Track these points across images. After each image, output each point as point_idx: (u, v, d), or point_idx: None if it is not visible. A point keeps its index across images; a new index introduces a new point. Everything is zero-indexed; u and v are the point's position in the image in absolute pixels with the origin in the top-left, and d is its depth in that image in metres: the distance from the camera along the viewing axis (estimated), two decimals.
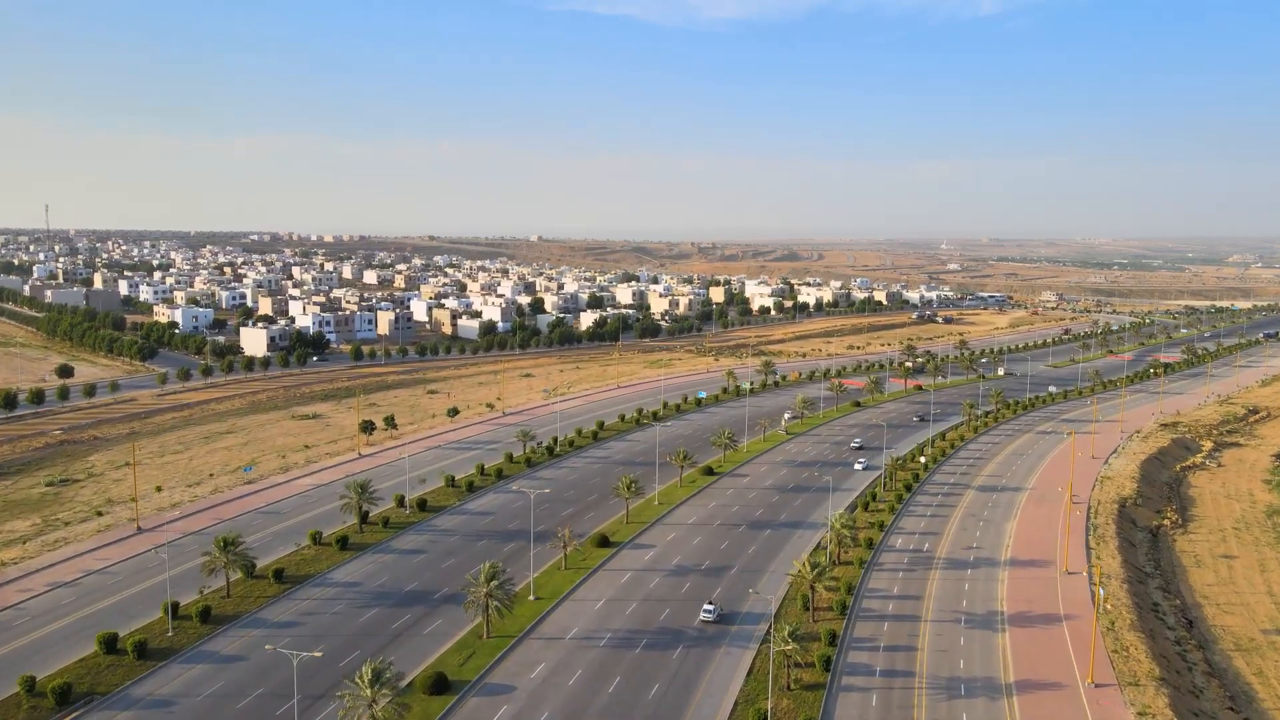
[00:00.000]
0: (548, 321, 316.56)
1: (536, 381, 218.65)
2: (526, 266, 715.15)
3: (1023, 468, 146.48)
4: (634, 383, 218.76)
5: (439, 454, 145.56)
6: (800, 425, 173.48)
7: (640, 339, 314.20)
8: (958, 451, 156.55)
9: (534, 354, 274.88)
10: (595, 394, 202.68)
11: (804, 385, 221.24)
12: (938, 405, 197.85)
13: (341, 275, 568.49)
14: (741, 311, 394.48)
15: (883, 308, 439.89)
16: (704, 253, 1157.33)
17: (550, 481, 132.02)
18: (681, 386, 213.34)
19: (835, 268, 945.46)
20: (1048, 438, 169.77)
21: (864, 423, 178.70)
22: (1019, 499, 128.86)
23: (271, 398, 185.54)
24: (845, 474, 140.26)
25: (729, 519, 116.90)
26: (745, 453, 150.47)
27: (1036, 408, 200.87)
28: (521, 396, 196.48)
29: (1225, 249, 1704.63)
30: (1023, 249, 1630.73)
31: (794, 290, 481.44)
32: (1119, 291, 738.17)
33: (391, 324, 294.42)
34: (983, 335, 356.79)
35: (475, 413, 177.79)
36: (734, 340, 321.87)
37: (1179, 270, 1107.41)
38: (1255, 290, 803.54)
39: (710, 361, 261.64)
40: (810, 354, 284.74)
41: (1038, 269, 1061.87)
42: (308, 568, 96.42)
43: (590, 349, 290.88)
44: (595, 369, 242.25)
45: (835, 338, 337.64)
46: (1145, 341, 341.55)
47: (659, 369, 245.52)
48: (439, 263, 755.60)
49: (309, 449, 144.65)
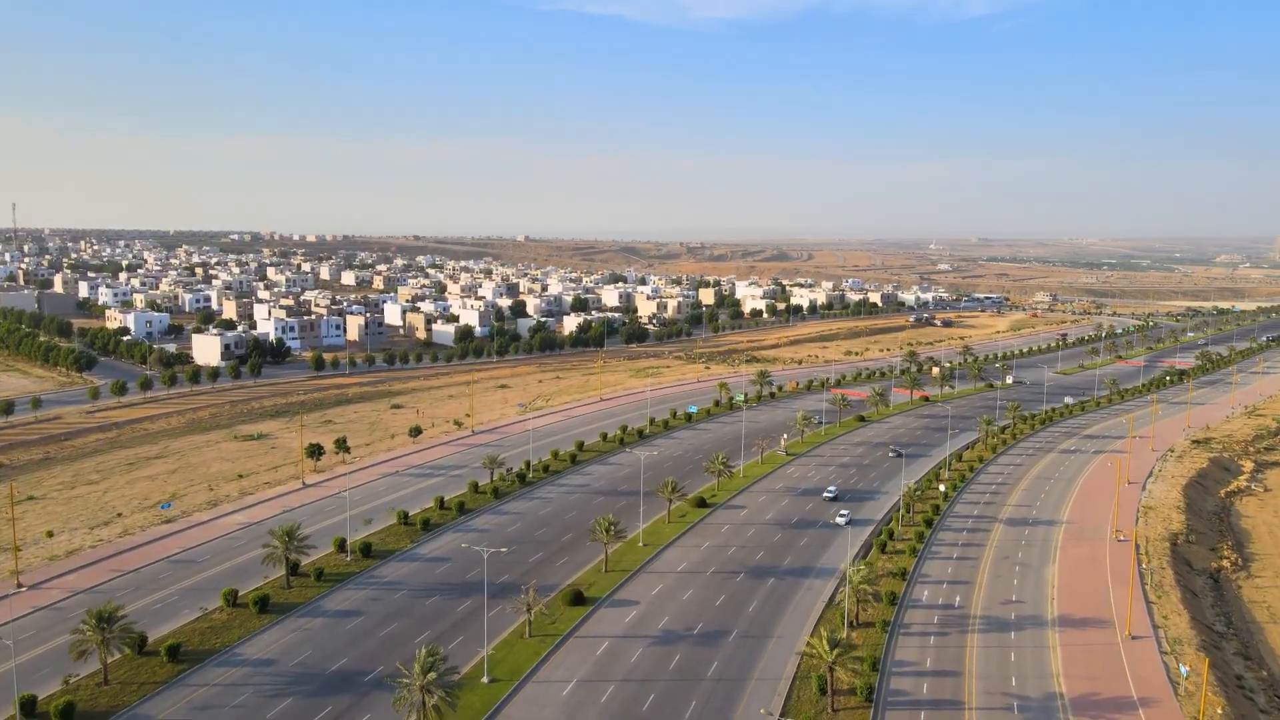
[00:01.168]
0: (529, 326, 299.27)
1: (512, 394, 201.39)
2: (511, 267, 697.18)
3: (1052, 496, 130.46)
4: (618, 394, 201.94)
5: (395, 483, 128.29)
6: (801, 444, 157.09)
7: (626, 344, 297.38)
8: (977, 475, 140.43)
9: (512, 361, 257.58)
10: (576, 408, 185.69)
11: (802, 397, 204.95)
12: (946, 419, 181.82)
13: (319, 276, 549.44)
14: (732, 314, 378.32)
15: (878, 310, 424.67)
16: (693, 253, 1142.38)
17: (519, 517, 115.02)
18: (670, 399, 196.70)
19: (825, 268, 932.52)
20: (1073, 458, 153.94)
21: (870, 440, 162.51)
22: (1055, 536, 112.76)
23: (215, 415, 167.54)
24: (858, 503, 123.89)
25: (725, 564, 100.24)
26: (741, 478, 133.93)
27: (1055, 421, 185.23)
28: (494, 411, 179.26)
29: (1212, 249, 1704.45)
30: (1012, 249, 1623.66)
31: (786, 292, 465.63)
32: (1112, 292, 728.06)
33: (361, 329, 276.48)
34: (984, 339, 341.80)
35: (441, 431, 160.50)
36: (725, 345, 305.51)
37: (1169, 270, 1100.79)
38: (1247, 290, 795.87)
39: (700, 369, 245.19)
40: (806, 360, 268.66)
41: (1028, 269, 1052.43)
42: (214, 639, 79.10)
43: (573, 356, 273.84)
44: (577, 378, 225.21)
45: (831, 342, 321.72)
46: (1154, 346, 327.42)
47: (646, 378, 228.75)
48: (421, 263, 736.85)
49: (244, 478, 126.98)
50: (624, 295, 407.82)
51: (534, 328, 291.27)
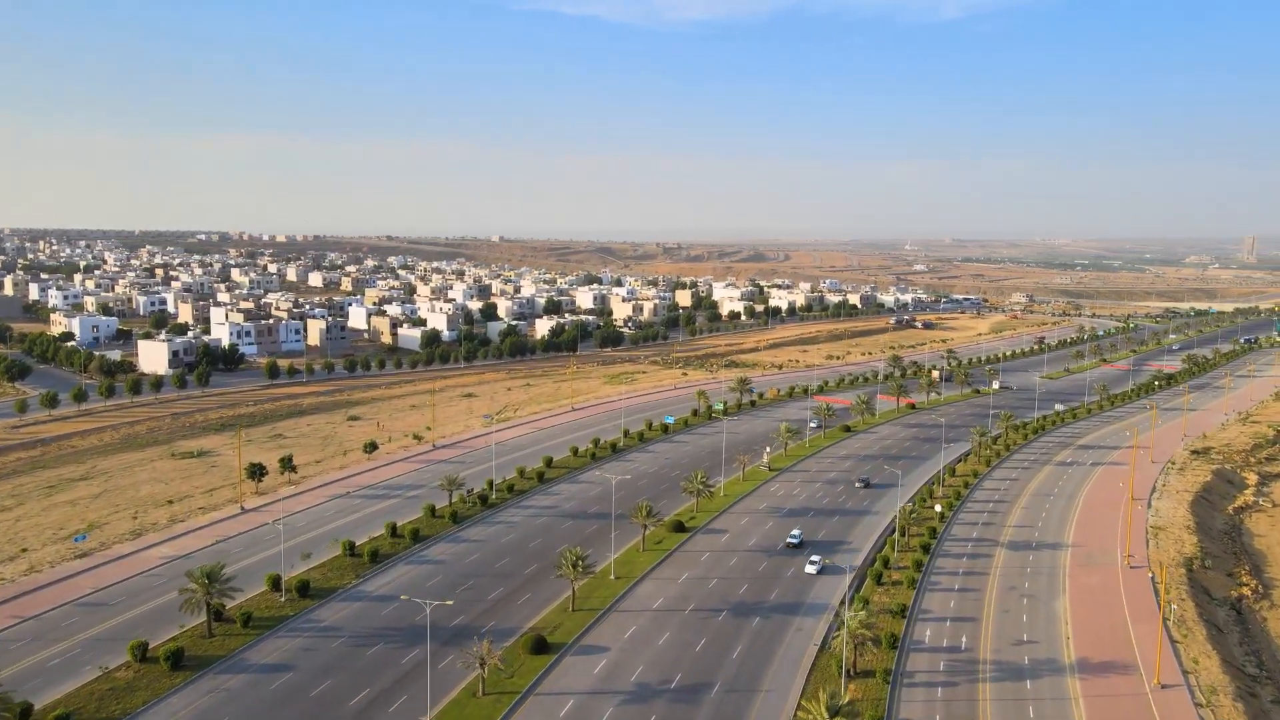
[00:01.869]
0: (499, 330, 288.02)
1: (479, 403, 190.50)
2: (484, 268, 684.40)
3: (1054, 515, 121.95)
4: (591, 403, 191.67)
5: (344, 506, 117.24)
6: (784, 458, 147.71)
7: (600, 348, 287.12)
8: (973, 492, 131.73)
9: (481, 367, 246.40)
10: (546, 418, 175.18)
11: (783, 404, 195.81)
12: (935, 428, 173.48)
13: (285, 278, 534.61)
14: (710, 317, 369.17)
15: (858, 312, 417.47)
16: (669, 253, 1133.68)
17: (479, 545, 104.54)
18: (646, 407, 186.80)
19: (802, 268, 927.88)
20: (1071, 471, 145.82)
21: (857, 452, 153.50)
22: (1061, 561, 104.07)
23: (153, 429, 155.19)
24: (848, 524, 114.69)
25: (705, 600, 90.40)
26: (722, 497, 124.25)
27: (1047, 430, 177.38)
28: (458, 423, 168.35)
29: (1182, 250, 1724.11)
30: (986, 249, 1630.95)
31: (764, 293, 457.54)
32: (1086, 292, 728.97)
33: (323, 334, 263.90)
34: (966, 342, 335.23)
35: (400, 446, 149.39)
36: (703, 349, 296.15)
37: (1140, 271, 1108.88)
38: (1218, 291, 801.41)
39: (677, 375, 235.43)
40: (786, 365, 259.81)
41: (1003, 269, 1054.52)
42: (114, 705, 67.99)
43: (544, 361, 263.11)
44: (548, 386, 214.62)
45: (811, 345, 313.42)
46: (1137, 349, 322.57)
47: (620, 385, 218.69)
48: (393, 264, 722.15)
49: (174, 503, 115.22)
50: (598, 297, 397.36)
51: (504, 332, 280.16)
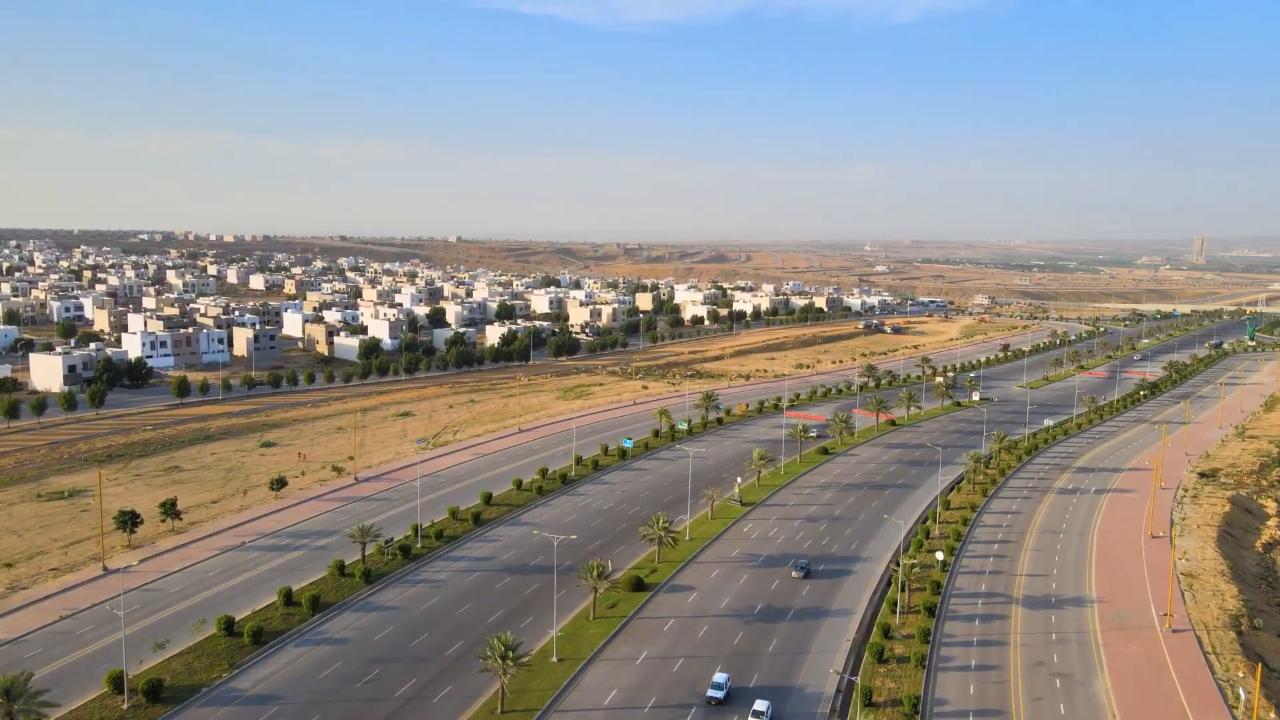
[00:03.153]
0: (446, 338, 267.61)
1: (415, 424, 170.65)
2: (438, 270, 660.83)
3: (1069, 559, 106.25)
4: (542, 423, 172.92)
5: (235, 562, 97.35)
6: (757, 489, 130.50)
7: (555, 357, 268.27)
8: (973, 529, 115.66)
9: (424, 380, 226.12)
10: (489, 441, 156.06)
11: (753, 421, 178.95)
12: (920, 448, 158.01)
13: (225, 280, 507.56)
14: (672, 322, 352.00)
15: (824, 316, 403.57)
16: (630, 254, 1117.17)
17: (394, 615, 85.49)
18: (602, 427, 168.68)
19: (764, 270, 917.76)
20: (1075, 501, 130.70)
21: (838, 480, 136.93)
22: (1090, 623, 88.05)
23: (21, 462, 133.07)
24: (836, 574, 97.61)
25: (669, 690, 72.60)
26: (688, 543, 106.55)
27: (1040, 450, 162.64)
28: (388, 449, 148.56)
29: (1133, 251, 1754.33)
30: (944, 250, 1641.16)
31: (728, 296, 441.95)
32: (1045, 294, 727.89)
33: (250, 343, 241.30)
34: (938, 347, 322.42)
35: (316, 479, 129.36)
36: (665, 357, 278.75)
37: (1095, 273, 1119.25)
38: (1173, 292, 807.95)
39: (637, 387, 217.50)
40: (754, 375, 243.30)
41: (962, 271, 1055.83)
42: None
43: (494, 372, 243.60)
44: (495, 402, 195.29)
45: (779, 352, 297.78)
46: (1112, 354, 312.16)
47: (575, 399, 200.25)
48: (343, 265, 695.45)
49: (16, 565, 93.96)
50: (555, 301, 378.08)
51: (450, 340, 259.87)
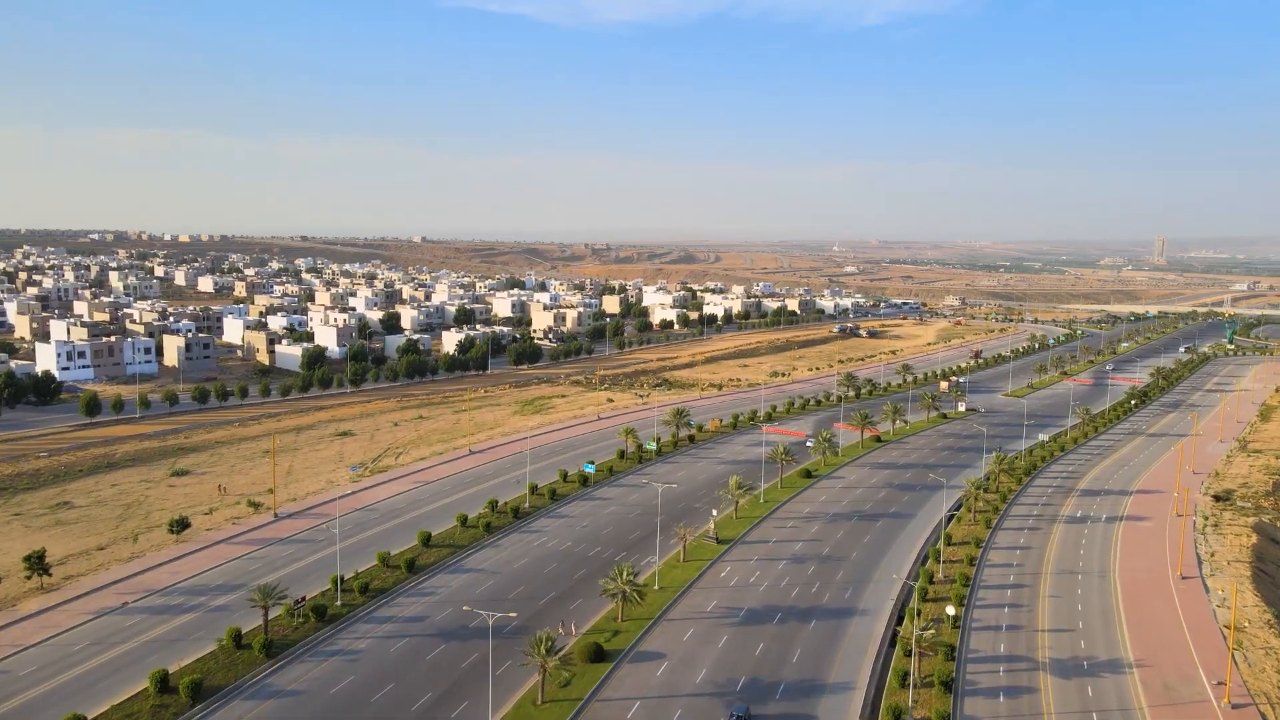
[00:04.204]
0: (398, 345, 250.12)
1: (354, 445, 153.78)
2: (397, 272, 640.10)
3: (1094, 610, 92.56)
4: (496, 442, 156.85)
5: (110, 629, 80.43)
6: (735, 522, 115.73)
7: (516, 365, 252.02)
8: (981, 570, 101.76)
9: (371, 392, 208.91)
10: (436, 466, 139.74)
11: (728, 438, 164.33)
12: (910, 469, 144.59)
13: (173, 282, 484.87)
14: (640, 326, 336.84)
15: (798, 319, 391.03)
16: (598, 254, 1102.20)
17: (300, 700, 69.31)
18: (562, 447, 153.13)
19: (734, 270, 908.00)
20: (1088, 533, 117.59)
21: (824, 509, 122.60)
22: (1133, 697, 74.15)
23: None
24: (830, 634, 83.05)
25: None
26: (656, 593, 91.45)
27: (1040, 469, 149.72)
28: (319, 477, 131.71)
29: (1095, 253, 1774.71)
30: (911, 251, 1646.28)
31: (698, 299, 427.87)
32: (1013, 295, 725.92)
33: (181, 353, 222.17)
34: (915, 352, 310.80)
35: (229, 516, 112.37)
36: (632, 365, 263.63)
37: (1060, 273, 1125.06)
38: (1137, 293, 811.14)
39: (602, 399, 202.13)
40: (727, 385, 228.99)
41: (930, 271, 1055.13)
42: None
43: (449, 382, 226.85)
44: (446, 418, 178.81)
45: (752, 359, 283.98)
46: (1094, 359, 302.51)
47: (534, 414, 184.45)
48: (300, 266, 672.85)
49: None
50: (517, 304, 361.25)
51: (402, 348, 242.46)
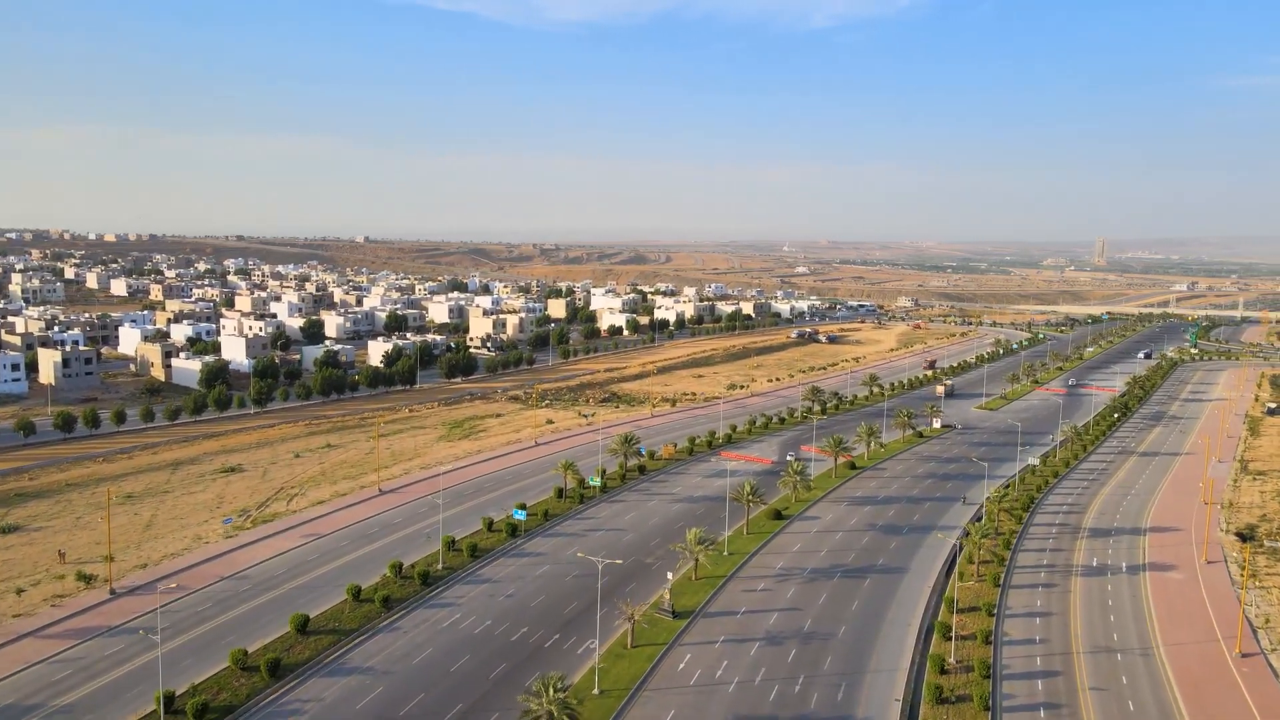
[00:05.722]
0: (315, 357, 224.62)
1: (240, 485, 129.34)
2: (334, 273, 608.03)
3: (1148, 710, 73.75)
4: (413, 477, 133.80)
5: None
6: (694, 587, 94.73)
7: (448, 379, 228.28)
8: (999, 648, 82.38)
9: (279, 413, 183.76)
10: (334, 512, 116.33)
11: (684, 466, 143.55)
12: (893, 504, 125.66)
13: (84, 285, 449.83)
14: (587, 333, 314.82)
15: (753, 323, 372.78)
16: (546, 255, 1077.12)
17: None
18: (491, 482, 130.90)
19: (684, 271, 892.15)
20: (1110, 588, 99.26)
21: (799, 564, 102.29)
22: None
23: None
24: None
25: None
26: (597, 699, 70.07)
27: (1037, 502, 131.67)
28: (184, 532, 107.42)
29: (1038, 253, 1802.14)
30: (859, 251, 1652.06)
31: (649, 302, 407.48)
32: (963, 295, 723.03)
33: (58, 368, 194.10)
34: (878, 359, 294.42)
35: (47, 596, 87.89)
36: (577, 376, 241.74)
37: (1006, 274, 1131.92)
38: (1082, 293, 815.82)
39: (541, 420, 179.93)
40: (681, 399, 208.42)
41: (880, 272, 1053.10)
42: None
43: (371, 399, 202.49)
44: (359, 446, 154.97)
45: (707, 368, 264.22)
46: (1063, 366, 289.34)
47: (463, 439, 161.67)
48: (229, 268, 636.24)
49: None
50: (455, 309, 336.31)
51: (320, 360, 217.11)
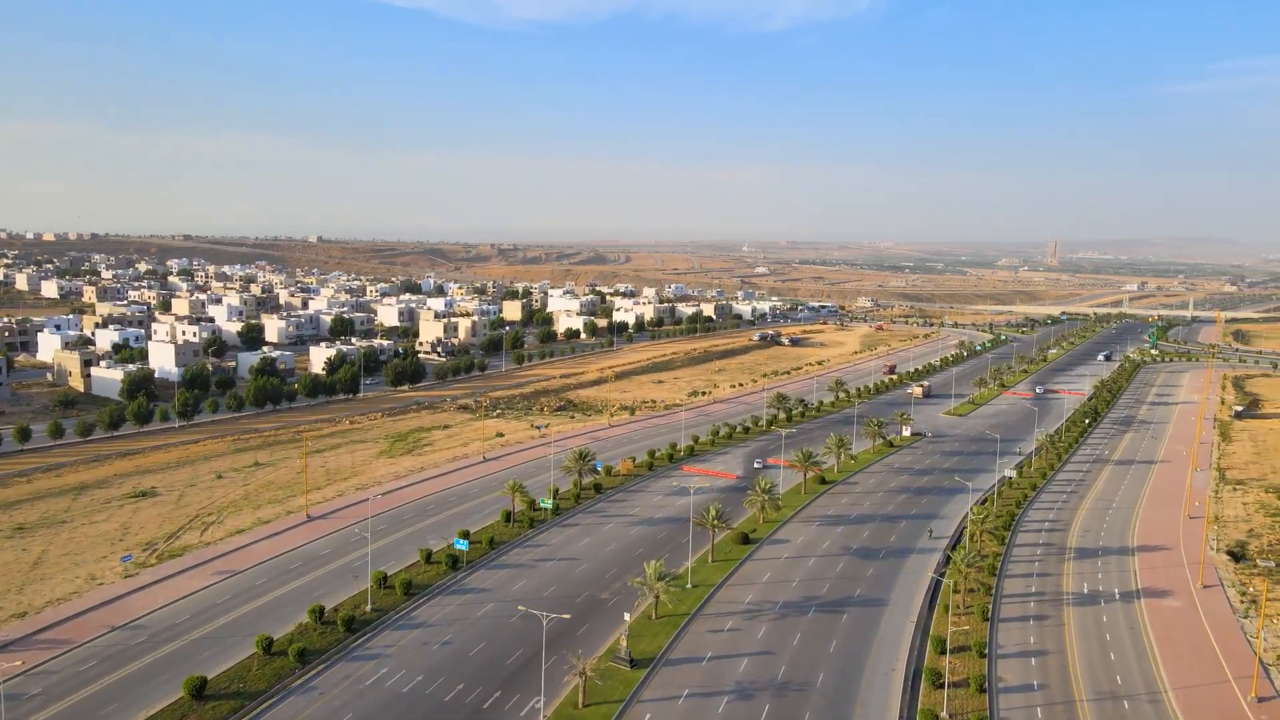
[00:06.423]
0: (251, 364, 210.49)
1: (151, 513, 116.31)
2: (281, 274, 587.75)
3: None
4: (347, 500, 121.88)
5: None
6: (655, 629, 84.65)
7: (394, 387, 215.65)
8: (997, 707, 73.64)
9: (208, 427, 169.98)
10: (254, 544, 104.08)
11: (643, 484, 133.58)
12: (867, 523, 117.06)
13: (13, 286, 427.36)
14: (543, 336, 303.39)
15: (714, 325, 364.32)
16: (504, 255, 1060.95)
17: None
18: (433, 505, 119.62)
19: (644, 271, 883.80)
20: (1105, 619, 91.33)
21: (769, 598, 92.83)
22: None
23: None
24: None
25: None
26: None
27: (1018, 520, 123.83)
28: (78, 571, 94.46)
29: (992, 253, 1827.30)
30: (818, 251, 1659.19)
31: (607, 303, 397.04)
32: (921, 296, 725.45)
33: None
34: (842, 362, 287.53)
35: None
36: (532, 383, 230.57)
37: (962, 274, 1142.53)
38: (1037, 294, 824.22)
39: (491, 432, 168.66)
40: (641, 408, 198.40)
41: (839, 272, 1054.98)
42: None
43: (311, 410, 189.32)
44: (292, 463, 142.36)
45: (667, 373, 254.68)
46: (1028, 368, 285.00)
47: (405, 454, 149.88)
48: (172, 268, 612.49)
49: None
50: (406, 312, 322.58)
51: (255, 368, 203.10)
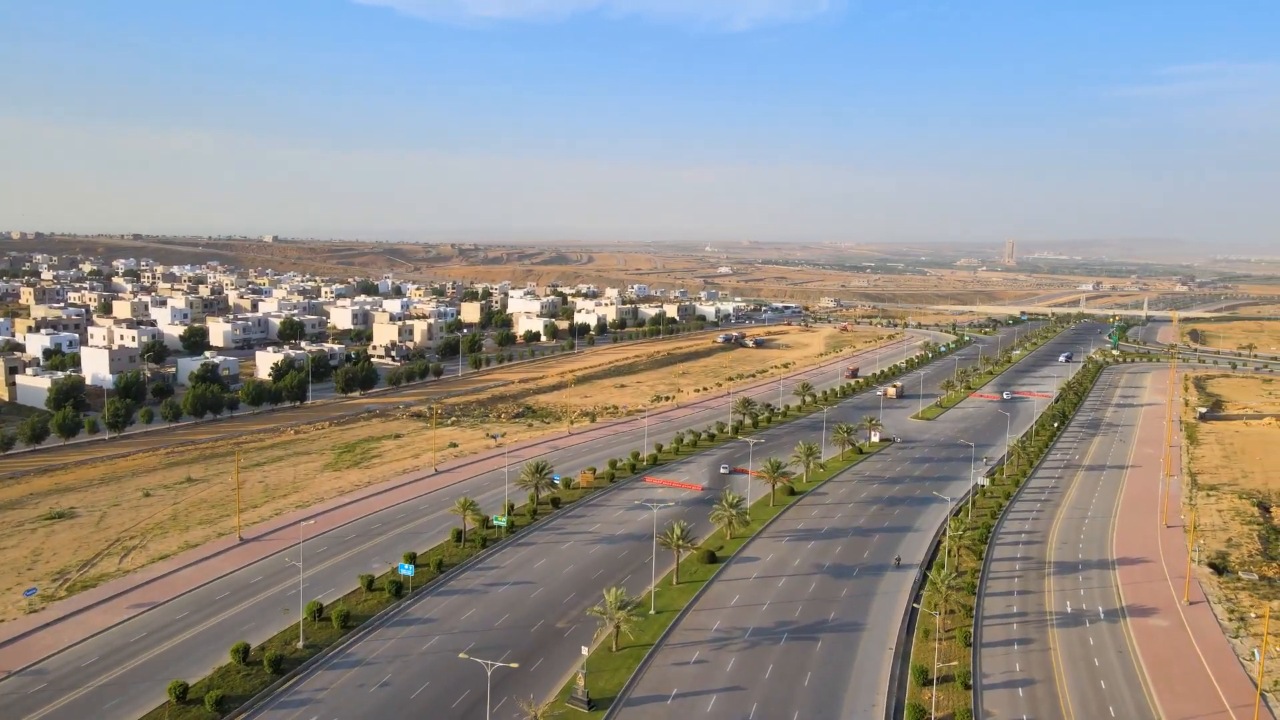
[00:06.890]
0: (191, 370, 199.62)
1: (67, 536, 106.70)
2: (233, 275, 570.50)
3: None
4: (285, 520, 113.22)
5: None
6: (616, 663, 77.83)
7: (345, 393, 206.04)
8: None
9: (140, 439, 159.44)
10: (177, 571, 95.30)
11: (603, 497, 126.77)
12: (838, 537, 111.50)
13: None
14: (502, 338, 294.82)
15: (678, 326, 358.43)
16: (465, 255, 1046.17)
17: None
18: (377, 524, 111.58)
19: (607, 271, 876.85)
20: (1093, 640, 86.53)
21: (739, 624, 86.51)
22: None
23: None
24: None
25: None
26: None
27: (995, 533, 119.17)
28: None
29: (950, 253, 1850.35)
30: (780, 251, 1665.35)
31: (569, 305, 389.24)
32: (883, 295, 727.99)
33: None
34: (808, 364, 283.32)
35: None
36: (490, 388, 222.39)
37: (922, 274, 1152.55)
38: (996, 293, 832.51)
39: (444, 442, 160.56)
40: (602, 414, 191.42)
41: (801, 272, 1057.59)
42: None
43: (255, 419, 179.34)
44: (228, 478, 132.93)
45: (630, 377, 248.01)
46: (993, 370, 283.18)
47: (352, 467, 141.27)
48: (118, 268, 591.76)
49: None
50: (360, 314, 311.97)
51: (195, 374, 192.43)
